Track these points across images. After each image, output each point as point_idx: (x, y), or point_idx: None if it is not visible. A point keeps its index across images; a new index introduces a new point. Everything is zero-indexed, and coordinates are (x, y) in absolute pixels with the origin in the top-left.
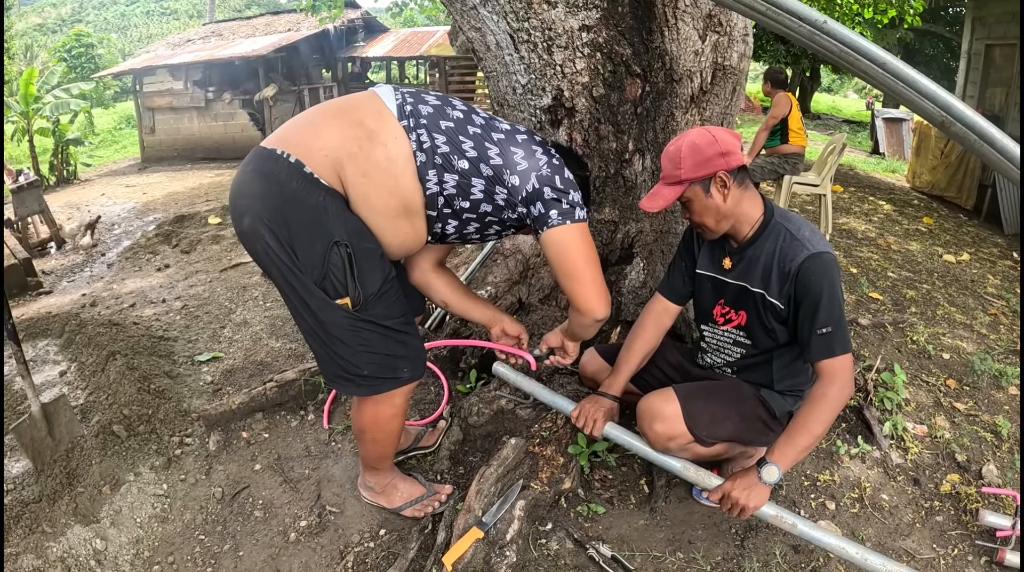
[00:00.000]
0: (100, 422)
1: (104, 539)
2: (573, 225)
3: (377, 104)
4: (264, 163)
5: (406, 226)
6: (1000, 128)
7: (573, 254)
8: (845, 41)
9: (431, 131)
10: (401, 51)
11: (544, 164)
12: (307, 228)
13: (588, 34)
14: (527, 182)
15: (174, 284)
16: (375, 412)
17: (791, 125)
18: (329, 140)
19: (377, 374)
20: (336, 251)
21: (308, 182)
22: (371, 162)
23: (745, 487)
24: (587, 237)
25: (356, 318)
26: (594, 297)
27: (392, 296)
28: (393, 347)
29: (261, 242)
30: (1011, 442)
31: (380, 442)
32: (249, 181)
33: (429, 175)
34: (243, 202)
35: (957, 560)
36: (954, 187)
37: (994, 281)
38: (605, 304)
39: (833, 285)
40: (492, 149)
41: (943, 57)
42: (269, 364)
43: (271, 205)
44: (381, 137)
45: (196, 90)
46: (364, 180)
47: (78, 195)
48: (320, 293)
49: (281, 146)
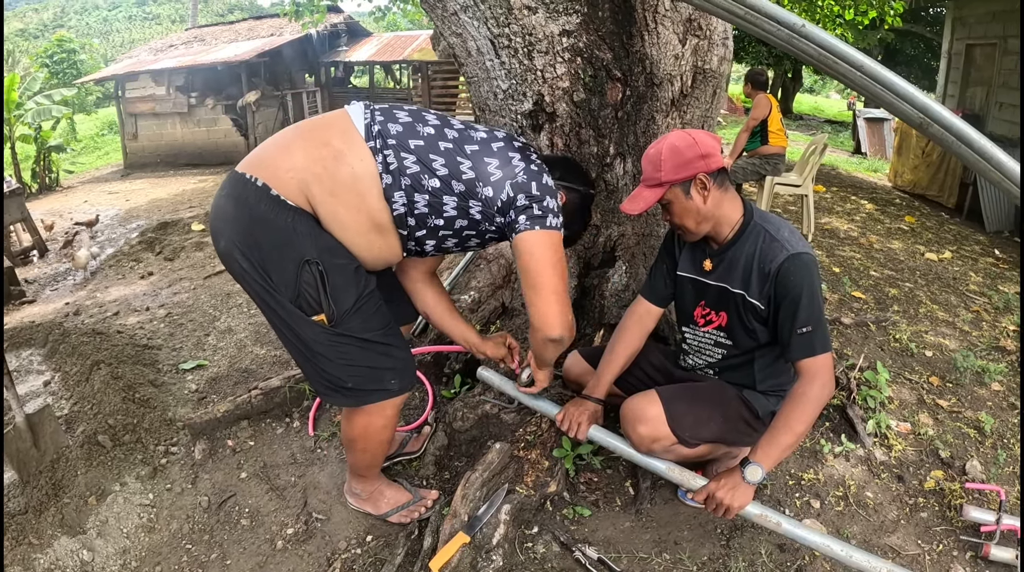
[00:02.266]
0: (85, 432)
1: (91, 550)
2: (543, 231)
3: (346, 124)
4: (235, 187)
5: (379, 242)
6: (981, 127)
7: (538, 260)
8: (823, 44)
9: (399, 151)
10: (384, 55)
11: (520, 171)
12: (278, 249)
13: (569, 39)
14: (501, 191)
15: (158, 292)
16: (366, 423)
17: (771, 126)
18: (295, 162)
19: (362, 386)
20: (307, 269)
21: (275, 204)
22: (337, 181)
23: (729, 487)
24: (556, 246)
25: (333, 333)
26: (550, 312)
27: (370, 309)
28: (375, 359)
29: (235, 264)
30: (994, 438)
31: (370, 452)
32: (223, 205)
33: (395, 197)
34: (218, 225)
35: (942, 556)
36: (936, 186)
37: (976, 278)
38: (561, 321)
39: (812, 285)
40: (464, 163)
41: (924, 57)
42: (254, 371)
43: (242, 228)
44: (347, 158)
45: (179, 95)
46: (332, 199)
47: (60, 202)
48: (296, 311)
49: (250, 170)
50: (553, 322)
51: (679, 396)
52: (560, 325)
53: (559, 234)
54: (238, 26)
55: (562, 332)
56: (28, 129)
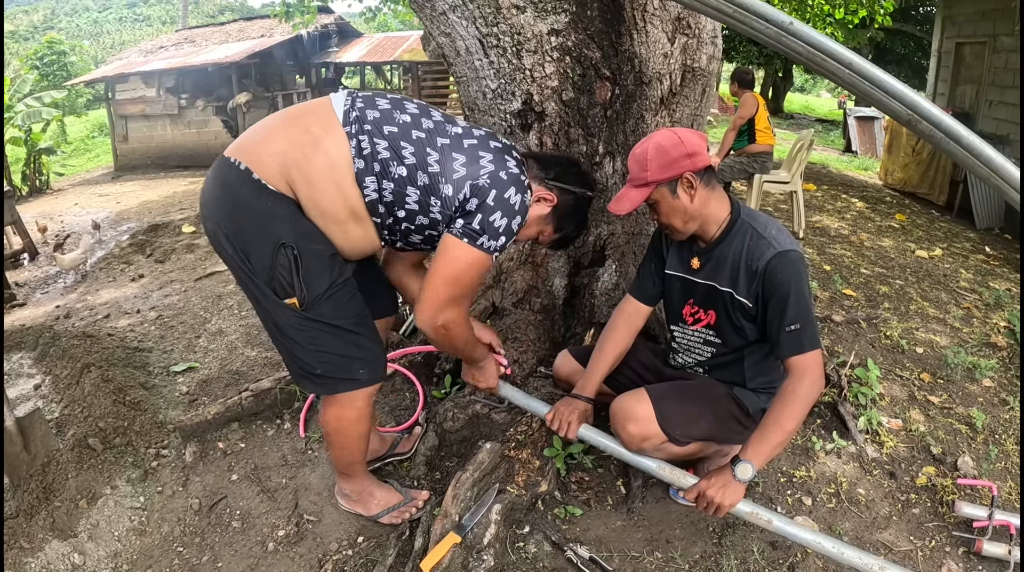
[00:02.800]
0: (76, 435)
1: (82, 553)
2: (469, 247)
3: (327, 110)
4: (220, 171)
5: (356, 230)
6: (970, 125)
7: (444, 266)
8: (812, 42)
9: (373, 136)
10: (375, 56)
11: (485, 174)
12: (257, 232)
13: (557, 38)
14: (460, 191)
15: (148, 294)
16: (338, 415)
17: (758, 124)
18: (276, 147)
19: (331, 374)
20: (283, 252)
21: (257, 188)
22: (313, 168)
23: (720, 485)
24: (471, 265)
25: (304, 318)
26: (424, 304)
27: (343, 297)
28: (345, 348)
29: (220, 246)
30: (985, 434)
31: (347, 447)
32: (210, 189)
33: (367, 182)
34: (205, 210)
35: (935, 552)
36: (926, 183)
37: (967, 275)
38: (427, 319)
39: (800, 282)
40: (432, 155)
41: (914, 56)
42: (245, 373)
43: (225, 211)
44: (324, 143)
45: (169, 97)
46: (309, 186)
47: (51, 205)
48: (270, 293)
49: (235, 154)
50: (418, 313)
51: (669, 394)
52: (422, 319)
53: (485, 257)
54: (228, 27)
55: (423, 326)
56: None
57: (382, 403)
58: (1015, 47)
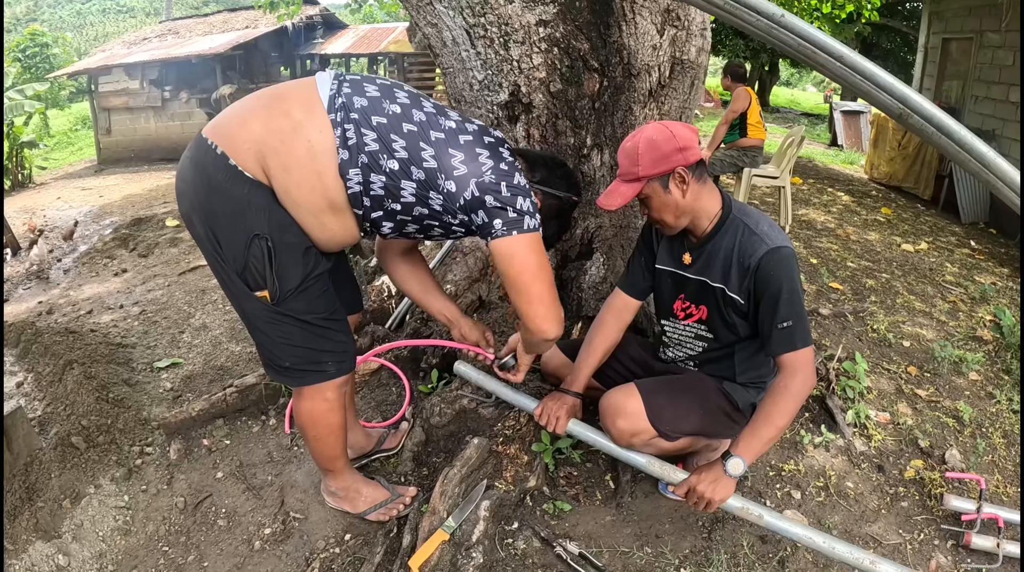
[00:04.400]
0: (59, 434)
1: (67, 554)
2: (520, 235)
3: (310, 93)
4: (197, 152)
5: (333, 222)
6: (956, 119)
7: (519, 267)
8: (802, 35)
9: (360, 127)
10: (360, 48)
11: (488, 170)
12: (231, 219)
13: (545, 29)
14: (465, 189)
15: (132, 289)
16: (310, 407)
17: (750, 119)
18: (253, 132)
19: (299, 366)
20: (256, 244)
21: (233, 175)
22: (292, 156)
23: (710, 480)
24: (537, 248)
25: (274, 311)
26: (542, 316)
27: (315, 292)
28: (315, 341)
29: (193, 228)
30: (973, 427)
31: (322, 440)
32: (186, 168)
33: (350, 174)
34: (180, 186)
35: (923, 544)
36: (912, 178)
37: (952, 269)
38: (554, 323)
39: (792, 279)
40: (426, 151)
41: (900, 51)
42: (229, 369)
43: (200, 195)
44: (306, 130)
45: (153, 89)
46: (285, 175)
47: (33, 199)
48: (241, 284)
49: (212, 136)
50: (544, 326)
51: (659, 389)
52: (552, 328)
53: (538, 235)
54: (212, 19)
55: (556, 332)
56: None
57: (368, 398)
58: (1001, 43)
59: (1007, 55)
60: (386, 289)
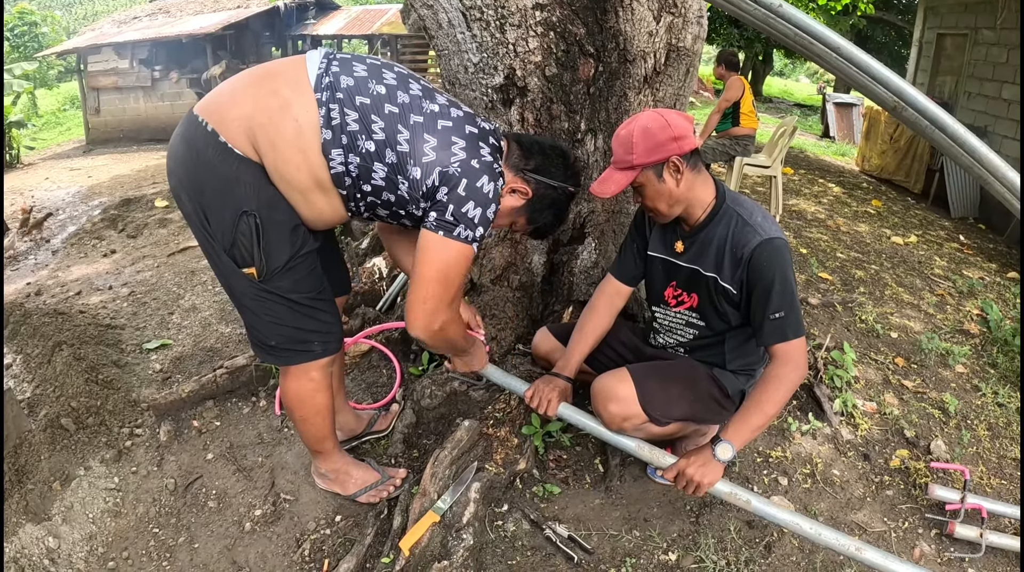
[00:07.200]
0: (48, 416)
1: (57, 537)
2: (446, 239)
3: (299, 71)
4: (188, 129)
5: (321, 201)
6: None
7: (427, 265)
8: (800, 25)
9: (344, 107)
10: (353, 29)
11: (457, 162)
12: (219, 196)
13: (542, 12)
14: (428, 176)
15: (121, 270)
16: (296, 387)
17: (743, 108)
18: (243, 109)
19: (286, 346)
20: (245, 221)
21: (223, 151)
22: (280, 134)
23: (699, 465)
24: (454, 260)
25: (261, 289)
26: (417, 311)
27: (303, 270)
28: (302, 321)
29: (183, 205)
30: (958, 418)
31: (309, 421)
32: (177, 145)
33: (333, 154)
34: (171, 164)
35: (908, 533)
36: (903, 171)
37: (941, 262)
38: (419, 325)
39: (785, 270)
40: (402, 134)
41: (895, 45)
42: (219, 350)
43: (189, 171)
44: (293, 109)
45: (142, 69)
46: (273, 153)
47: (21, 180)
48: (229, 261)
49: (203, 113)
50: (412, 318)
51: (650, 374)
52: (417, 327)
53: (467, 248)
54: None
55: (419, 332)
56: None
57: (359, 380)
58: (996, 40)
59: (1001, 52)
60: (377, 271)
